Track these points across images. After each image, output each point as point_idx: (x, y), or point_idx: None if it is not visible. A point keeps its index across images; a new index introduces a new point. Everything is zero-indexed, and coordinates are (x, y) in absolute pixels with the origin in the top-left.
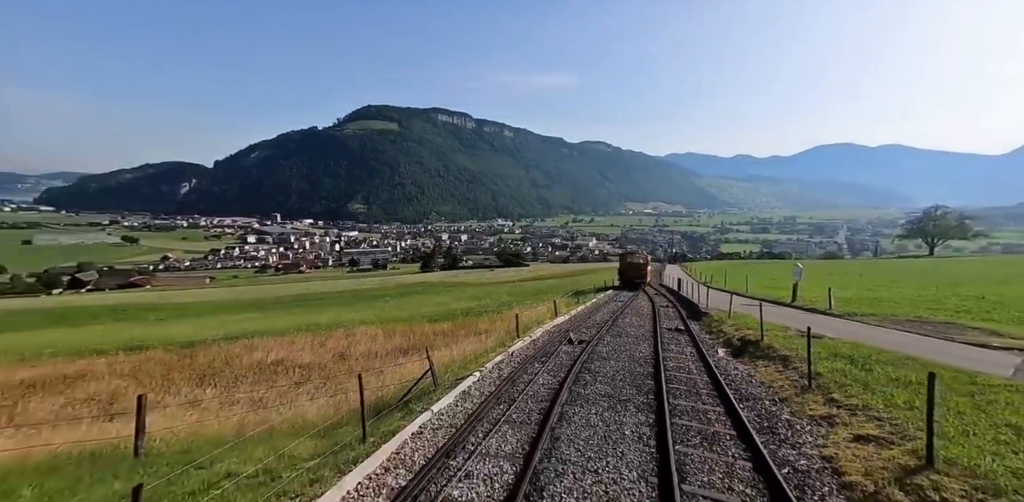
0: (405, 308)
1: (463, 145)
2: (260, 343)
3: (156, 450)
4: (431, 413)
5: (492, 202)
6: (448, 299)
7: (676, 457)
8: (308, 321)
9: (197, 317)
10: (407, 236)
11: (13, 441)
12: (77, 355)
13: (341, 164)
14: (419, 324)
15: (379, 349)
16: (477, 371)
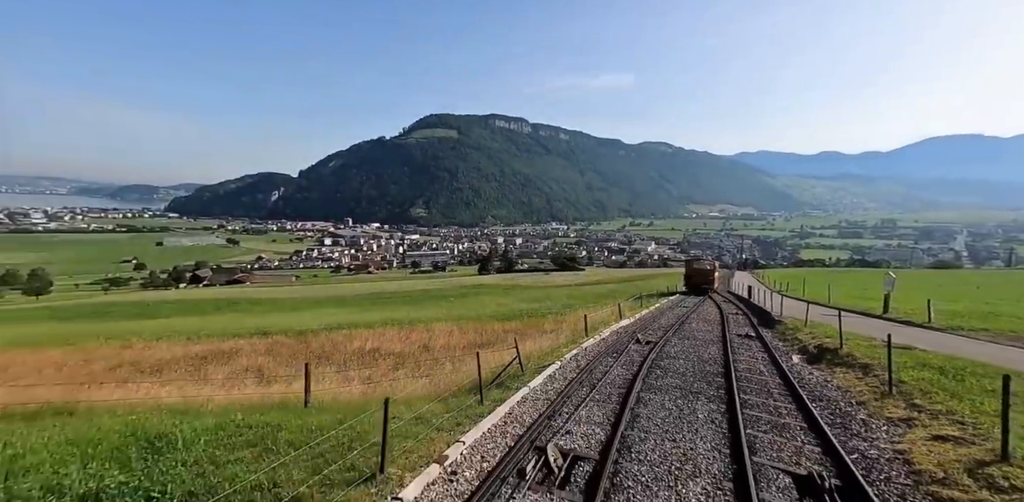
0: (469, 308)
1: (519, 149)
2: (356, 334)
3: (316, 404)
4: (528, 389)
5: (546, 206)
6: (508, 300)
7: (747, 438)
8: (387, 317)
9: (294, 311)
10: (464, 239)
11: (223, 391)
12: (222, 337)
13: (405, 171)
14: (488, 323)
15: (456, 343)
16: (557, 361)
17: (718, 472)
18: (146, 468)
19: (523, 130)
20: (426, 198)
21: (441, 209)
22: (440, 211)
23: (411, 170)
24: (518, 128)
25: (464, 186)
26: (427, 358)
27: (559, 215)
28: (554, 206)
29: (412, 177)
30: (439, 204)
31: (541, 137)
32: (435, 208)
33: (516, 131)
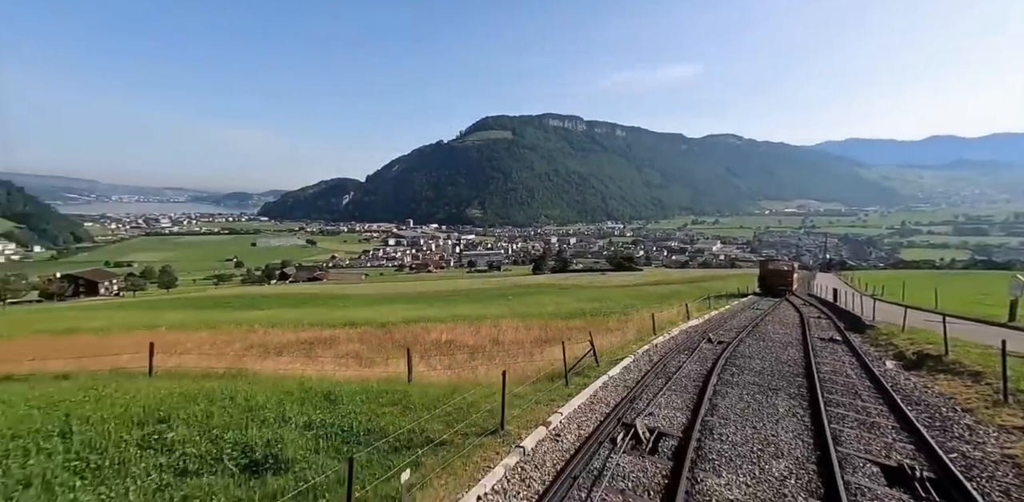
0: (529, 306)
1: (573, 148)
2: (431, 327)
3: (417, 381)
4: (607, 377)
5: (601, 204)
6: (567, 300)
7: (831, 432)
8: (454, 313)
9: (370, 306)
10: (518, 239)
11: (342, 369)
12: (321, 326)
13: (461, 173)
14: (551, 320)
15: (523, 338)
16: (630, 355)
17: (801, 456)
18: (331, 413)
19: (577, 128)
20: (481, 199)
21: (496, 209)
22: (495, 211)
23: (467, 172)
24: (572, 126)
25: (518, 186)
26: (498, 350)
27: (615, 214)
28: (609, 205)
29: (468, 178)
30: (494, 204)
31: (596, 135)
32: (490, 208)
33: (570, 130)
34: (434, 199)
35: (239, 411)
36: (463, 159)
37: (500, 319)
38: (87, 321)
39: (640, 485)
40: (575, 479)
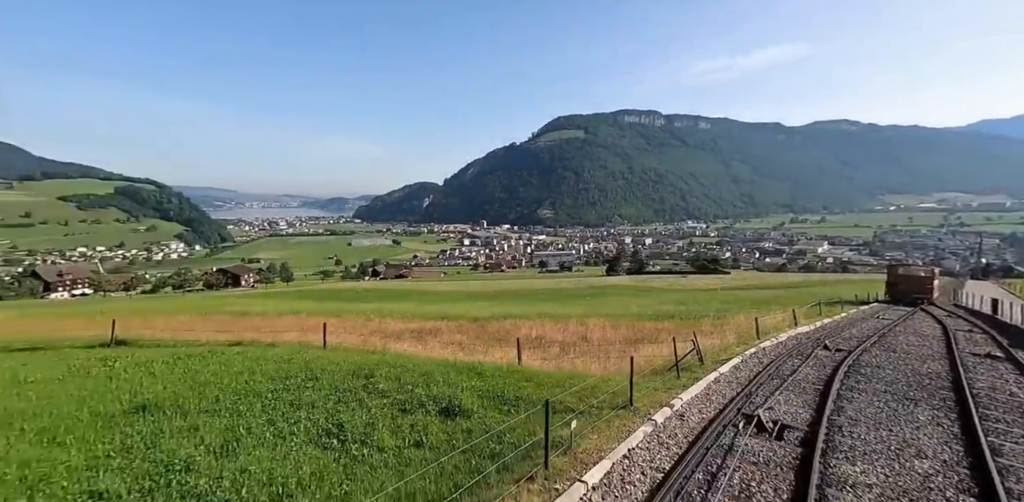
0: (609, 307)
1: (649, 144)
2: (519, 323)
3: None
4: (718, 373)
5: (681, 203)
6: (649, 302)
7: (989, 444)
8: (535, 310)
9: (456, 302)
10: (589, 239)
11: (461, 354)
12: (423, 318)
13: (533, 174)
14: (639, 321)
15: (612, 337)
16: (738, 356)
17: (949, 460)
18: (483, 382)
19: (655, 123)
20: (552, 199)
21: (567, 210)
22: (566, 212)
23: (539, 172)
24: (649, 122)
25: (590, 186)
26: (589, 347)
27: (696, 213)
28: (690, 203)
29: (539, 179)
30: (565, 205)
31: (676, 129)
32: (561, 209)
33: (647, 125)
34: (506, 200)
35: (416, 375)
36: (535, 160)
37: (586, 318)
38: (248, 306)
39: (771, 461)
40: (707, 450)
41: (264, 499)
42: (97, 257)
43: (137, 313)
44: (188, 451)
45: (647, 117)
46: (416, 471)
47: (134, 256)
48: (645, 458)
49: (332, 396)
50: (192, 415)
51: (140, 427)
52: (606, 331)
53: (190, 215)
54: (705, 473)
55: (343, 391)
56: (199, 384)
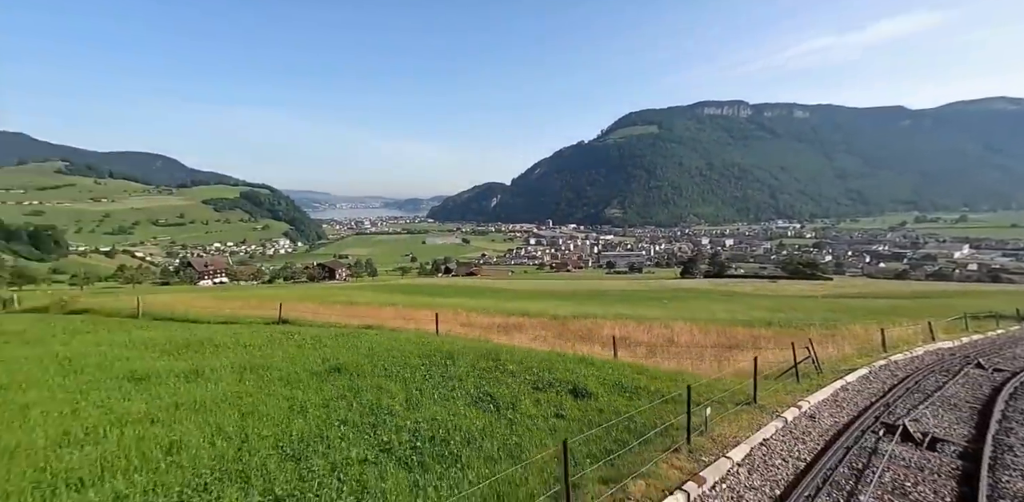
0: (693, 311)
1: (733, 137)
2: (599, 323)
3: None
4: (844, 382)
5: (769, 201)
6: (738, 307)
7: None
8: (611, 311)
9: (530, 300)
10: (661, 240)
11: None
12: (504, 314)
13: (601, 172)
14: (730, 327)
15: (701, 341)
16: (864, 368)
17: None
18: (598, 370)
19: (739, 114)
20: (621, 198)
21: (637, 209)
22: (636, 211)
23: (607, 171)
24: (732, 113)
25: (662, 183)
26: (677, 350)
27: (788, 211)
28: (781, 200)
29: (608, 177)
30: (635, 204)
31: (765, 119)
32: (630, 208)
33: (730, 117)
34: (572, 200)
35: (536, 361)
36: (603, 158)
37: (670, 321)
38: (353, 297)
39: (925, 468)
40: (848, 449)
41: (458, 438)
42: (227, 251)
43: (274, 299)
44: (386, 401)
45: (731, 108)
46: (563, 437)
47: (252, 251)
48: (782, 448)
49: (472, 373)
50: (372, 377)
51: (340, 383)
52: (694, 335)
53: (294, 215)
54: (850, 468)
55: (479, 369)
56: (364, 355)
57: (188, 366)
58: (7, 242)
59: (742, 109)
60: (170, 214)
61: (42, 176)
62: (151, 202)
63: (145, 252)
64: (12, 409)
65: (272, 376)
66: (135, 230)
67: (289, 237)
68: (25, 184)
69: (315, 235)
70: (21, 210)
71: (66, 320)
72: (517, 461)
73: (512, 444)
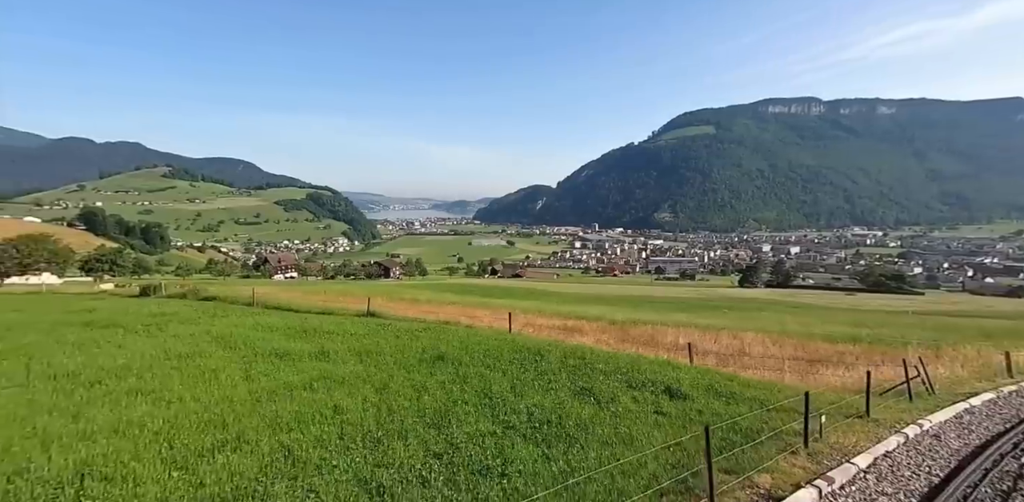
0: (759, 322)
1: (801, 137)
2: (660, 330)
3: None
4: (968, 405)
5: (843, 205)
6: (812, 320)
7: None
8: (671, 319)
9: (581, 303)
10: (716, 246)
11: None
12: (561, 317)
13: (651, 175)
14: (808, 340)
15: (775, 353)
16: (989, 392)
17: None
18: (686, 374)
19: (810, 112)
20: (672, 202)
21: (689, 213)
22: (688, 215)
23: (658, 173)
24: (802, 111)
25: (719, 186)
26: (750, 361)
27: (867, 217)
28: (858, 205)
29: (658, 180)
30: (687, 207)
31: (841, 117)
32: (682, 212)
33: (799, 115)
34: (620, 203)
35: (622, 362)
36: (654, 160)
37: (739, 331)
38: (414, 295)
39: None
40: (987, 471)
41: (571, 423)
42: (294, 248)
43: (346, 294)
44: (495, 388)
45: (800, 105)
46: (667, 431)
47: (315, 248)
48: (909, 462)
49: (563, 368)
50: (473, 366)
51: (447, 370)
52: (767, 347)
53: (352, 216)
54: (994, 489)
55: (569, 366)
56: (459, 347)
57: (314, 348)
58: (126, 236)
59: (813, 106)
60: (248, 214)
61: (151, 180)
62: (233, 203)
63: (228, 248)
64: (208, 372)
65: (387, 360)
66: (220, 228)
67: (347, 236)
68: (139, 187)
69: (370, 234)
70: (136, 209)
71: (201, 305)
72: (631, 447)
73: (623, 433)
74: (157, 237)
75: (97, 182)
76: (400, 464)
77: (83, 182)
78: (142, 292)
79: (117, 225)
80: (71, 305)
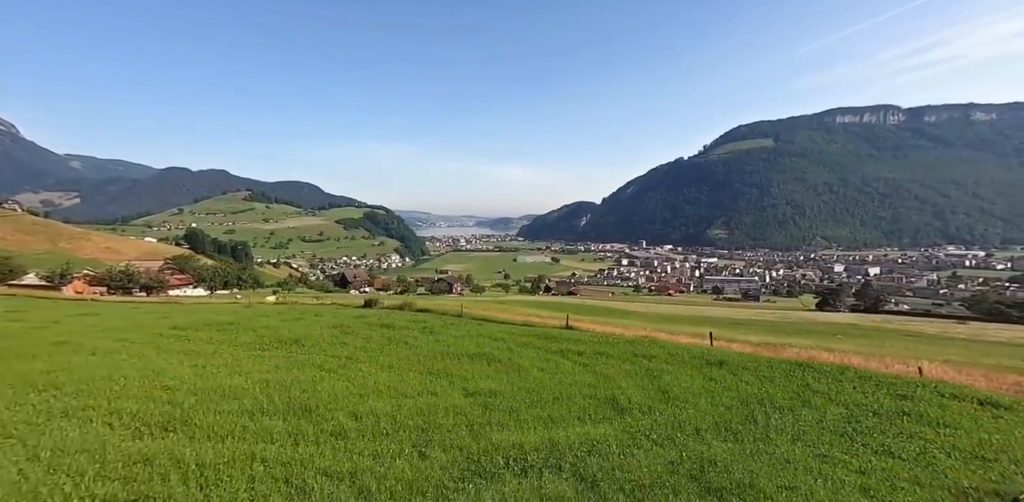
0: (896, 349)
1: (877, 148)
2: (812, 353)
3: None
4: None
5: (933, 222)
6: (956, 351)
7: None
8: (796, 342)
9: (658, 323)
10: (778, 265)
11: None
12: (691, 336)
13: (703, 190)
14: (996, 371)
15: (966, 381)
16: None
17: None
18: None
19: (887, 121)
20: (727, 218)
21: (746, 230)
22: (744, 232)
23: (710, 188)
24: (876, 120)
25: (779, 202)
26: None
27: (963, 235)
28: (951, 222)
29: (710, 196)
30: (743, 224)
31: (926, 125)
32: (737, 228)
33: (872, 124)
34: (669, 219)
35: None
36: (705, 175)
37: (905, 359)
38: (517, 309)
39: None
40: None
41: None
42: (352, 264)
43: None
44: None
45: (874, 114)
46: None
47: (371, 264)
48: None
49: (843, 380)
50: (750, 372)
51: (722, 374)
52: (946, 374)
53: (404, 233)
54: None
55: (850, 378)
56: (726, 356)
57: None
58: (219, 253)
59: (890, 115)
60: (313, 232)
61: (234, 203)
62: (301, 222)
63: (296, 264)
64: (515, 367)
65: (661, 366)
66: (289, 245)
67: (399, 252)
68: (224, 209)
69: (420, 251)
70: (222, 229)
71: (419, 316)
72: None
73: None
74: (243, 254)
75: (193, 205)
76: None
77: (182, 206)
78: (365, 304)
79: (212, 244)
80: (369, 320)
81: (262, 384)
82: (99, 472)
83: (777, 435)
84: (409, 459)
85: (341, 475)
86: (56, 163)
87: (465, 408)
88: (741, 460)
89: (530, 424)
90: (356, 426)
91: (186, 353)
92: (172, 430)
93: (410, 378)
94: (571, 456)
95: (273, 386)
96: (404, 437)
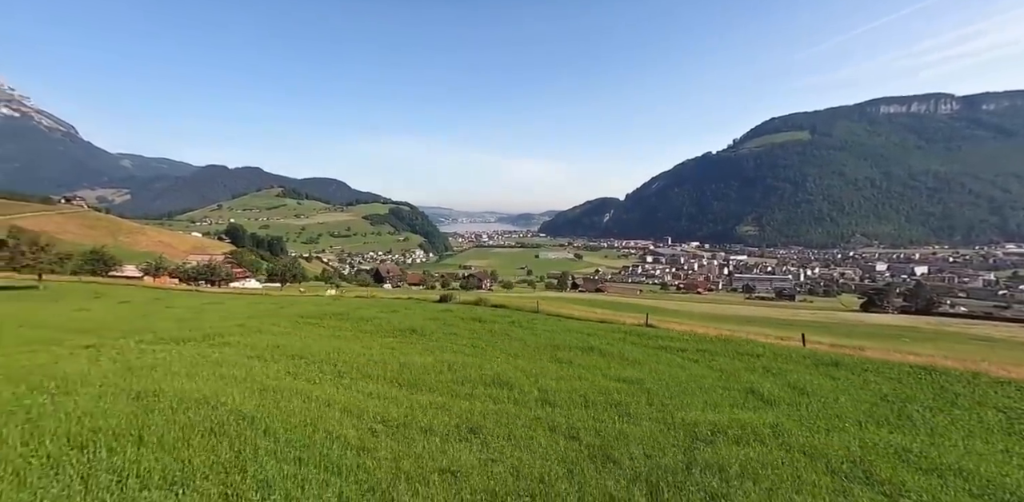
0: (971, 354)
1: (926, 139)
2: (896, 356)
3: None
4: None
5: (989, 218)
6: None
7: None
8: (866, 345)
9: (713, 322)
10: (814, 263)
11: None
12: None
13: (732, 186)
14: None
15: None
16: None
17: None
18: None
19: (937, 111)
20: (757, 214)
21: (778, 226)
22: (776, 228)
23: (739, 184)
24: (925, 110)
25: (815, 197)
26: None
27: (1021, 232)
28: (1010, 218)
29: (740, 191)
30: (775, 220)
31: (983, 114)
32: (769, 225)
33: (921, 115)
34: (696, 215)
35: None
36: (734, 170)
37: (1000, 364)
38: (570, 306)
39: None
40: None
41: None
42: (379, 259)
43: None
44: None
45: (923, 103)
46: None
47: (396, 259)
48: None
49: (974, 385)
50: (869, 373)
51: (840, 375)
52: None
53: (428, 229)
54: None
55: (982, 384)
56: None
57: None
58: (257, 247)
59: (942, 104)
60: (341, 227)
61: (268, 199)
62: (330, 218)
63: (326, 258)
64: (630, 360)
65: (773, 364)
66: (319, 240)
67: (423, 248)
68: (259, 205)
69: (443, 246)
70: (257, 225)
71: (499, 312)
72: None
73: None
74: (278, 248)
75: (231, 201)
76: None
77: (220, 202)
78: (441, 299)
79: (251, 238)
80: (457, 313)
81: (445, 363)
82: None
83: (946, 431)
84: (630, 425)
85: (588, 431)
86: (109, 161)
87: (624, 390)
88: (934, 449)
89: (696, 407)
90: (553, 399)
91: (342, 338)
92: (419, 391)
93: (546, 365)
94: (766, 433)
95: (456, 366)
96: (602, 409)
